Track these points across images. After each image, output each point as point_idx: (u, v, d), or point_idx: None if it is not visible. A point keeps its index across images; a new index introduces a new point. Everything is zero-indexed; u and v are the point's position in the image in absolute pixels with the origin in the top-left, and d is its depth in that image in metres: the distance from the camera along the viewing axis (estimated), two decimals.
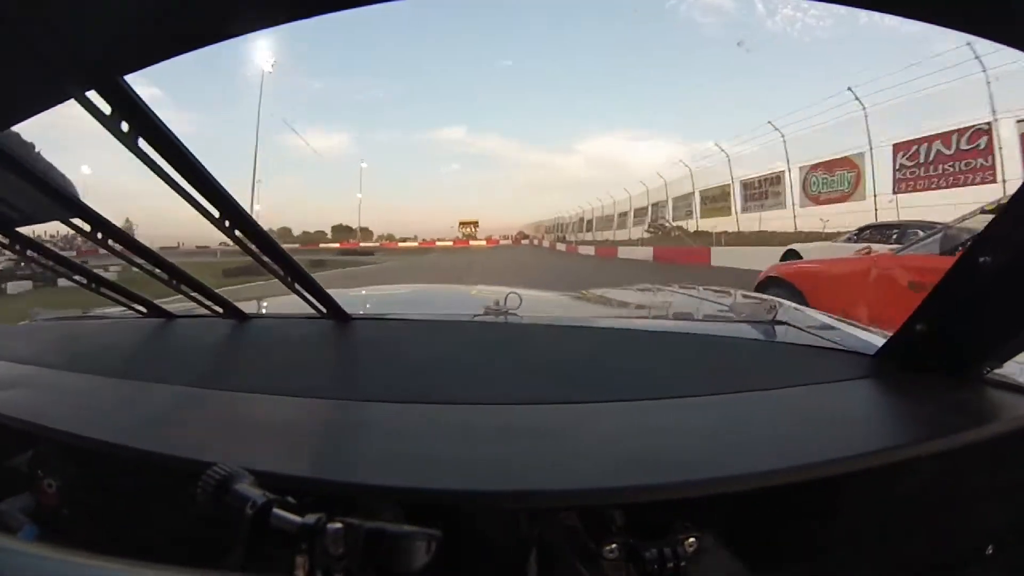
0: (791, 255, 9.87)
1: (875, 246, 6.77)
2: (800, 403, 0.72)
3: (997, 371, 0.73)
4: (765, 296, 1.49)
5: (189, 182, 0.73)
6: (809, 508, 0.58)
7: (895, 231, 9.26)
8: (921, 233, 7.55)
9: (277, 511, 0.39)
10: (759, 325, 1.08)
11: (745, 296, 1.57)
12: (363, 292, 1.90)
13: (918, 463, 0.58)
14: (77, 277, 1.08)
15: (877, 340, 0.89)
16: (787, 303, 1.30)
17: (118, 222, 0.85)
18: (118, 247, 0.92)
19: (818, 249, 9.68)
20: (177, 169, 0.71)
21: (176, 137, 0.68)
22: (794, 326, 1.04)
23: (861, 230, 9.96)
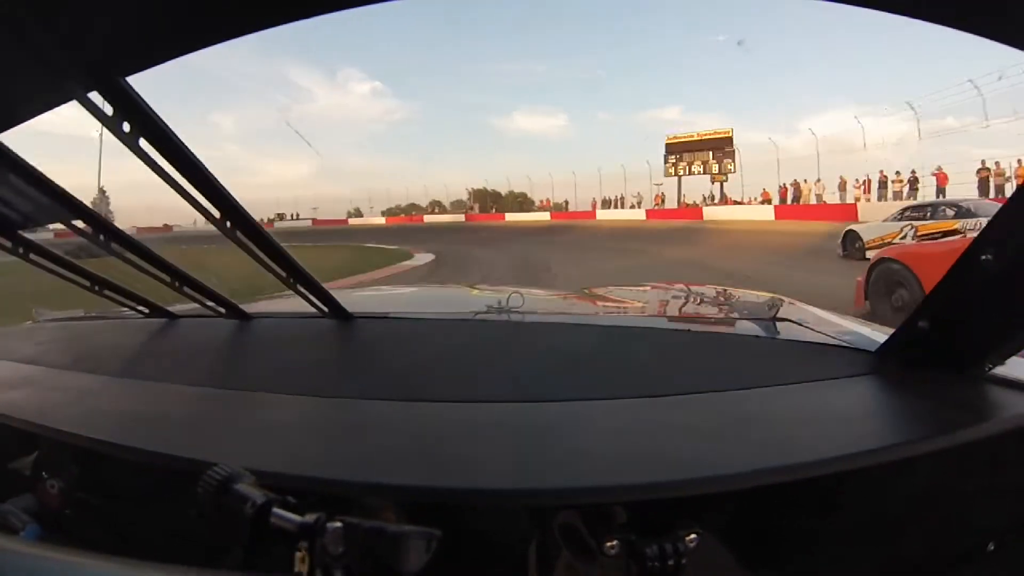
0: (851, 235, 10.93)
1: (916, 223, 9.21)
2: (802, 400, 0.72)
3: (999, 368, 0.72)
4: (766, 293, 1.48)
5: (190, 182, 0.74)
6: (810, 505, 0.58)
7: (928, 209, 10.26)
8: (950, 212, 9.27)
9: (277, 510, 0.39)
10: (760, 322, 1.08)
11: (746, 293, 1.57)
12: (364, 292, 1.90)
13: (920, 460, 0.58)
14: (78, 278, 1.08)
15: (879, 336, 0.89)
16: (788, 300, 1.29)
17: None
18: (119, 248, 0.93)
19: (867, 229, 10.79)
20: (178, 169, 0.71)
21: (177, 137, 0.68)
22: (796, 323, 1.03)
23: (902, 211, 10.74)
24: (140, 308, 1.23)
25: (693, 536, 0.50)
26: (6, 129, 0.69)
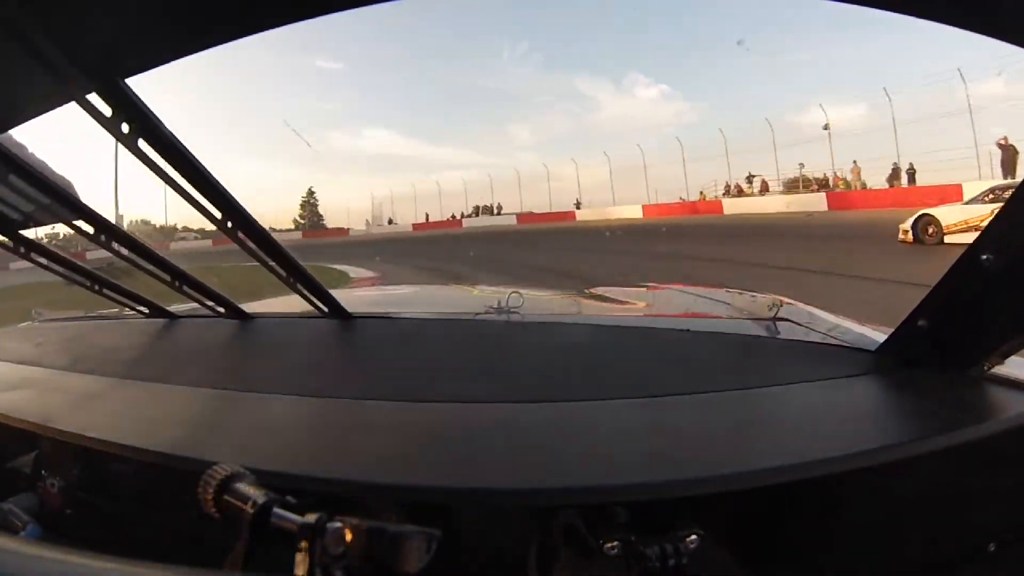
0: (924, 220, 9.86)
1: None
2: (802, 400, 0.72)
3: (999, 368, 0.72)
4: (766, 294, 1.48)
5: (191, 183, 0.74)
6: (811, 505, 0.58)
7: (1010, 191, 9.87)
8: None
9: (278, 510, 0.39)
10: (760, 322, 1.08)
11: (746, 293, 1.56)
12: (364, 292, 1.90)
13: (920, 460, 0.58)
14: (79, 278, 1.08)
15: (879, 336, 0.89)
16: (788, 300, 1.29)
17: None
18: (120, 248, 0.93)
19: (947, 212, 9.73)
20: (178, 170, 0.72)
21: (177, 138, 0.68)
22: (796, 323, 1.03)
23: (985, 193, 9.99)
24: (140, 308, 1.24)
25: (693, 536, 0.50)
26: (6, 129, 0.69)
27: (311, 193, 39.16)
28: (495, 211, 31.71)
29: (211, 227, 0.81)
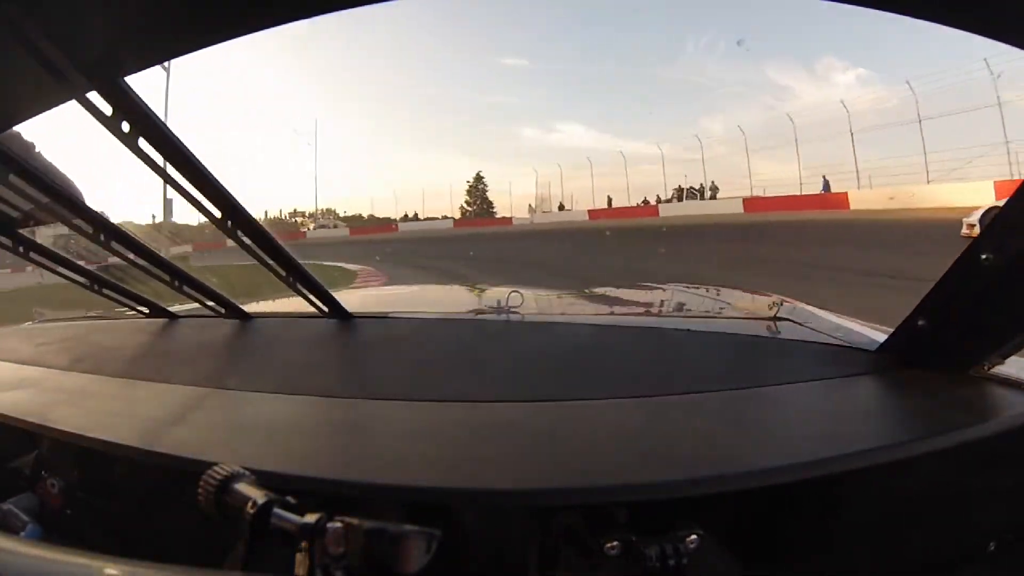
0: (993, 211, 9.65)
1: None
2: (802, 400, 0.72)
3: (999, 367, 0.72)
4: (767, 293, 1.48)
5: (191, 182, 0.74)
6: (811, 505, 0.58)
7: None
8: None
9: (277, 510, 0.39)
10: (761, 322, 1.08)
11: (747, 293, 1.56)
12: (364, 291, 1.90)
13: (920, 460, 0.58)
14: (79, 278, 1.08)
15: (879, 336, 0.89)
16: (788, 300, 1.29)
17: None
18: (120, 248, 0.93)
19: None
20: (178, 169, 0.71)
21: (177, 138, 0.68)
22: (796, 323, 1.03)
23: None
24: (140, 308, 1.23)
25: (694, 537, 0.50)
26: (6, 129, 0.69)
27: (479, 179, 35.29)
28: (706, 193, 24.06)
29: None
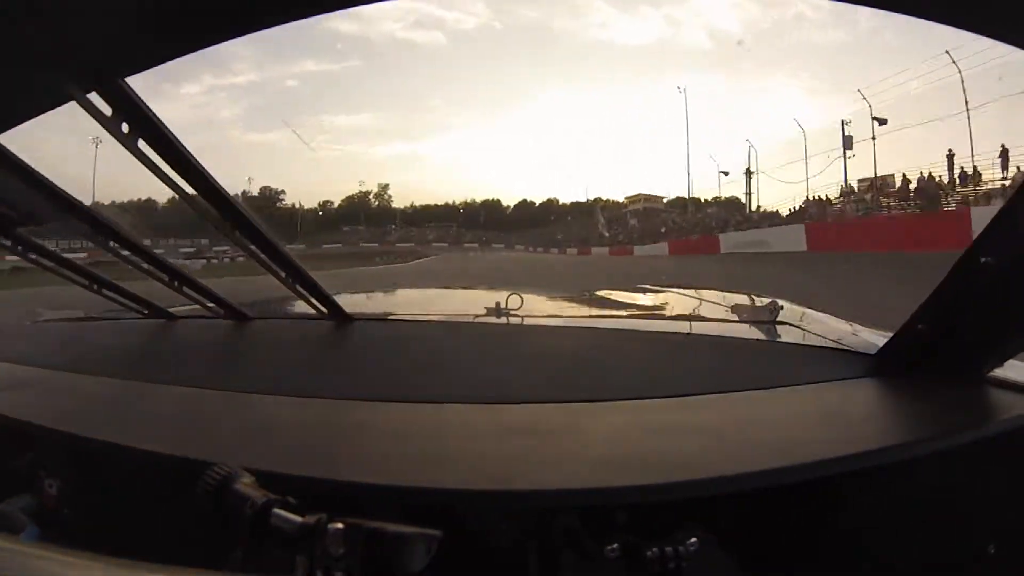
0: None
1: None
2: (801, 403, 0.72)
3: (998, 370, 0.72)
4: (766, 296, 1.48)
5: (190, 183, 0.74)
6: (810, 508, 0.58)
7: None
8: None
9: (277, 511, 0.39)
10: (760, 325, 1.08)
11: (746, 296, 1.56)
12: (364, 293, 1.90)
13: (919, 462, 0.58)
14: (79, 278, 1.08)
15: (878, 340, 0.89)
16: (788, 303, 1.29)
17: None
18: (119, 248, 0.93)
19: None
20: (177, 170, 0.71)
21: (176, 138, 0.68)
22: (795, 326, 1.03)
23: None
24: (140, 308, 1.23)
25: (694, 539, 0.50)
26: (6, 129, 0.69)
27: None
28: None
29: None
